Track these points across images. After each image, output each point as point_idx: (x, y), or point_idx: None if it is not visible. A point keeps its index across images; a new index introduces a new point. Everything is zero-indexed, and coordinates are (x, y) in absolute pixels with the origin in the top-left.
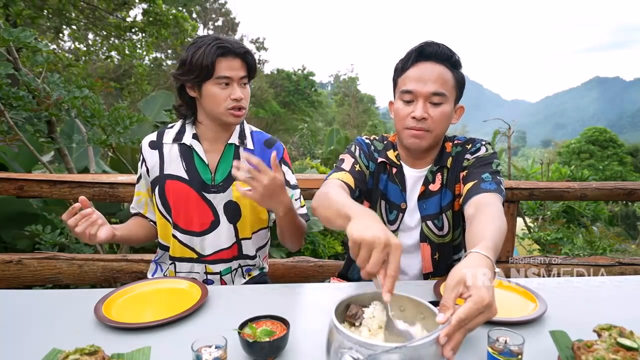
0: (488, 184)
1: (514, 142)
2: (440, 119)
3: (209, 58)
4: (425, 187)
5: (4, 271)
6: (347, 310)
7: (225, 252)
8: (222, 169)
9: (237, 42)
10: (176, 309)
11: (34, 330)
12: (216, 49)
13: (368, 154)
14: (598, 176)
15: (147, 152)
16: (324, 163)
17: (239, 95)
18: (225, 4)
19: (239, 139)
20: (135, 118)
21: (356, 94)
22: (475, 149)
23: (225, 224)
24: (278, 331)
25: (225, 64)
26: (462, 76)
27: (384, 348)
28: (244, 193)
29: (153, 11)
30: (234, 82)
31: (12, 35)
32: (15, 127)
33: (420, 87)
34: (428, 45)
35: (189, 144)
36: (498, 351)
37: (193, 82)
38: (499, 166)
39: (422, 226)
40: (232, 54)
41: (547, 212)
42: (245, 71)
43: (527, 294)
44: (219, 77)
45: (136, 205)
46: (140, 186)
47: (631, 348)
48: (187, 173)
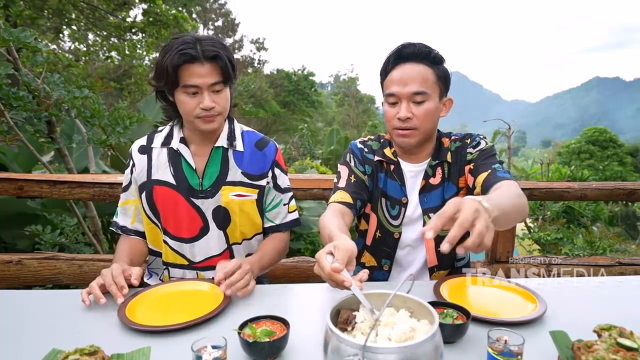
0: (502, 172)
1: (514, 142)
2: (425, 116)
3: (172, 65)
4: (426, 181)
5: (4, 271)
6: (338, 317)
7: (216, 259)
8: (209, 174)
9: (212, 44)
10: (199, 311)
11: (34, 330)
12: (180, 56)
13: (362, 159)
14: (598, 176)
15: (136, 156)
16: (324, 163)
17: (207, 104)
18: (225, 4)
19: (227, 141)
20: (135, 118)
21: (356, 94)
22: (476, 143)
23: (214, 230)
24: (278, 331)
25: (191, 71)
26: (444, 70)
27: (382, 349)
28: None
29: (153, 11)
30: (203, 90)
31: (12, 36)
32: (15, 127)
33: (401, 89)
34: (405, 47)
35: (176, 149)
36: (498, 351)
37: (164, 88)
38: (500, 158)
39: (424, 219)
40: (199, 60)
41: (547, 212)
42: (218, 76)
43: (527, 294)
44: (185, 85)
45: (121, 217)
46: (130, 193)
47: (631, 348)
48: (174, 178)
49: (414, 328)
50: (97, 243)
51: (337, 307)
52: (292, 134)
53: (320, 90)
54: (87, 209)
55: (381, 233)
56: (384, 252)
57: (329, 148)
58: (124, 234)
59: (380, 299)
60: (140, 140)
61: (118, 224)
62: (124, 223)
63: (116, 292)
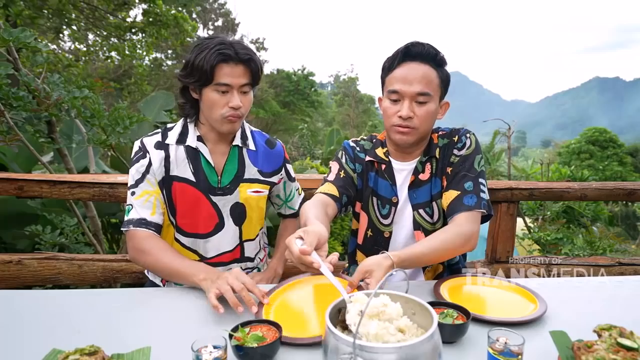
0: (469, 198)
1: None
2: (425, 117)
3: (209, 63)
4: (415, 177)
5: (4, 271)
6: (339, 315)
7: (227, 255)
8: (228, 171)
9: (244, 47)
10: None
11: (34, 330)
12: (217, 55)
13: (353, 157)
14: (598, 176)
15: (153, 152)
16: (324, 163)
17: (237, 103)
18: (225, 4)
19: (241, 140)
20: (135, 118)
21: (356, 94)
22: (461, 144)
23: (230, 226)
24: (269, 338)
25: (226, 71)
26: (446, 74)
27: (379, 349)
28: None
29: (153, 11)
30: (233, 90)
31: (12, 36)
32: (15, 127)
33: (406, 88)
34: (413, 46)
35: (195, 146)
36: (498, 351)
37: (194, 85)
38: (481, 161)
39: (414, 214)
40: (235, 61)
41: (547, 212)
42: (248, 78)
43: (527, 294)
44: (218, 83)
45: (139, 210)
46: (147, 184)
47: (631, 348)
48: (194, 176)
49: (403, 329)
50: (97, 243)
51: (338, 305)
52: (292, 134)
53: (320, 90)
54: (87, 209)
55: (373, 232)
56: (375, 251)
57: (329, 148)
58: (141, 229)
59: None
60: (153, 136)
61: (133, 219)
62: (143, 215)
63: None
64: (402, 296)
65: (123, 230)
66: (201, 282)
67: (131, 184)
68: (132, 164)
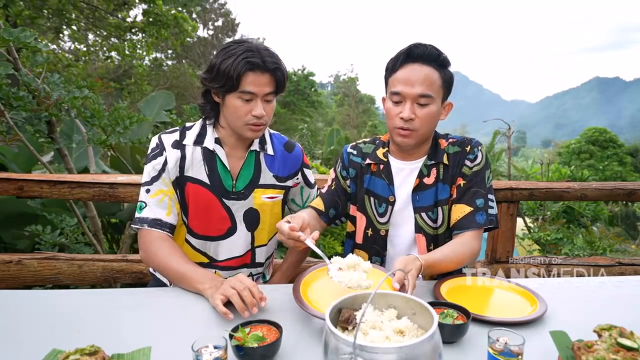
0: (480, 215)
1: (514, 143)
2: (427, 118)
3: (236, 71)
4: (420, 180)
5: (4, 271)
6: (339, 315)
7: (237, 260)
8: (243, 176)
9: (271, 55)
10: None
11: (34, 330)
12: (245, 63)
13: (347, 164)
14: (598, 176)
15: (169, 150)
16: (324, 163)
17: (260, 112)
18: (225, 4)
19: (259, 144)
20: (135, 118)
21: (356, 94)
22: (474, 156)
23: (242, 231)
24: (270, 338)
25: (252, 79)
26: (449, 75)
27: (379, 349)
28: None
29: (153, 11)
30: (257, 98)
31: (12, 36)
32: (15, 127)
33: (408, 90)
34: (416, 47)
35: (212, 149)
36: (498, 351)
37: (217, 90)
38: (490, 176)
39: (415, 217)
40: (261, 69)
41: (547, 212)
42: (273, 87)
43: (527, 294)
44: (243, 91)
45: (154, 209)
46: (162, 183)
47: (631, 348)
48: (209, 178)
49: (402, 330)
50: (97, 243)
51: (338, 306)
52: (292, 134)
53: (320, 90)
54: (87, 209)
55: (372, 231)
56: (374, 250)
57: (329, 148)
58: (155, 229)
59: (383, 299)
60: (171, 135)
61: (147, 218)
62: (158, 215)
63: (252, 301)
64: (402, 296)
65: (134, 227)
66: (205, 291)
67: (146, 181)
68: (148, 160)
